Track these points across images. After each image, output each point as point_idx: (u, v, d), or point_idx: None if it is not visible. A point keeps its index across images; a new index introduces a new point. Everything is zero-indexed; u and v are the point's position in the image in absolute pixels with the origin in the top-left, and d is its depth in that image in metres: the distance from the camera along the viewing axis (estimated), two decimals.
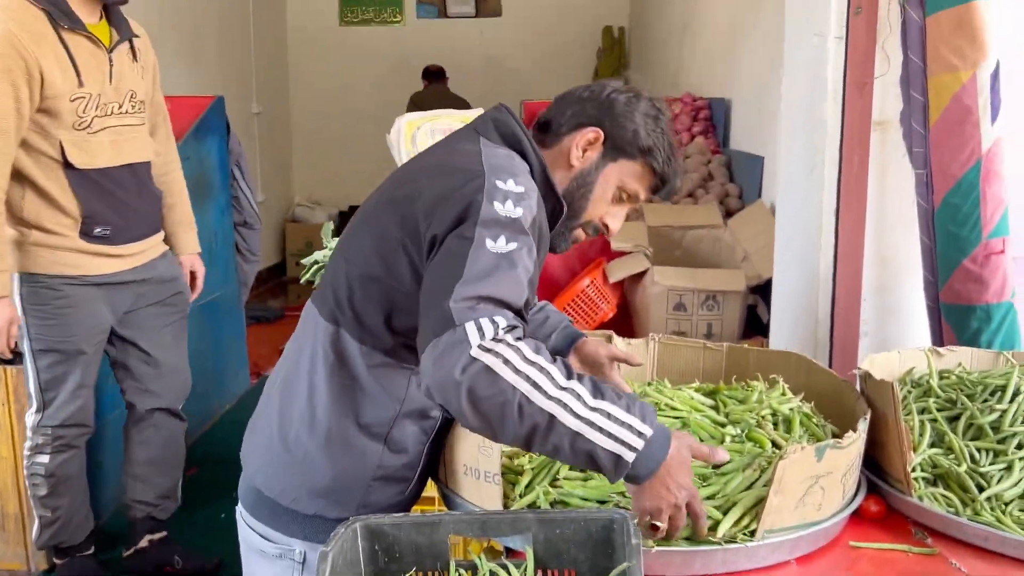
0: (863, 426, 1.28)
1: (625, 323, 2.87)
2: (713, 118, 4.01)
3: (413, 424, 1.28)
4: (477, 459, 1.25)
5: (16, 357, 2.31)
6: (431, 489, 1.43)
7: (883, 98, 2.05)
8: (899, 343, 2.09)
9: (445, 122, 2.51)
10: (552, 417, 1.01)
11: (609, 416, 1.03)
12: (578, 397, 1.03)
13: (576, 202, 1.30)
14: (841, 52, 2.04)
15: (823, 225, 2.12)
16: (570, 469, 1.27)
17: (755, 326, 2.85)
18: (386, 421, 1.26)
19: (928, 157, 1.95)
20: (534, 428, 1.02)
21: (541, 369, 1.02)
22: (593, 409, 1.03)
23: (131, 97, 2.28)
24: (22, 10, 2.06)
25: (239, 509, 1.37)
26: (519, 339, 1.04)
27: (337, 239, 2.41)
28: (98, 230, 2.24)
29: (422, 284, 1.13)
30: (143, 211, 2.37)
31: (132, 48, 2.29)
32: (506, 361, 1.01)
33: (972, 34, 1.82)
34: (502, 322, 1.03)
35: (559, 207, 1.28)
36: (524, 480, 1.26)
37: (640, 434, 1.04)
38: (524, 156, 1.25)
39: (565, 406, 1.02)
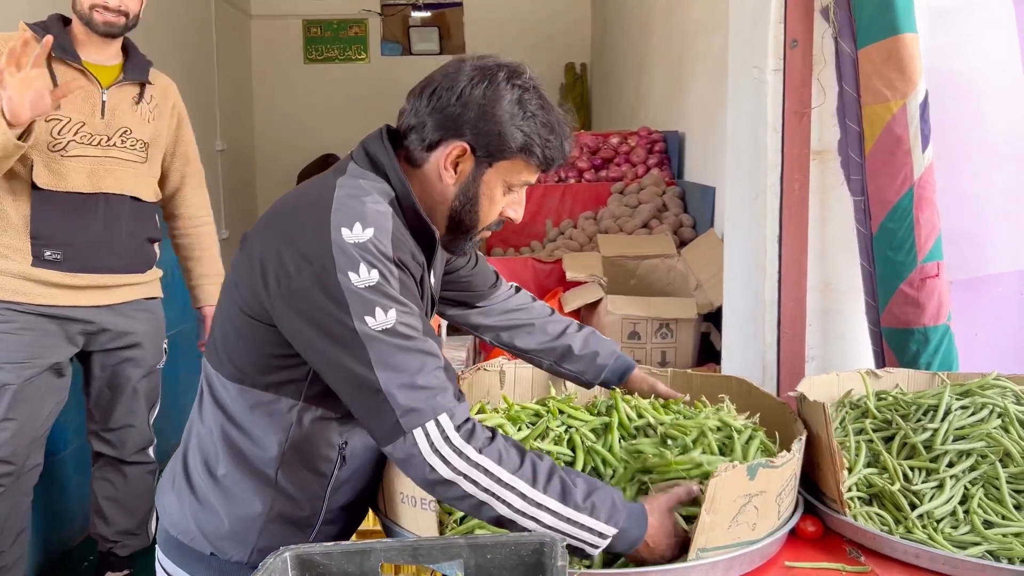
0: (797, 446, 1.29)
1: None
2: (668, 150, 4.08)
3: (303, 467, 1.24)
4: (413, 486, 1.25)
5: None
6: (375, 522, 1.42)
7: (821, 128, 2.11)
8: (844, 366, 2.12)
9: None
10: (525, 520, 1.11)
11: (573, 523, 1.11)
12: (547, 510, 1.11)
13: (467, 217, 1.24)
14: (779, 84, 2.10)
15: (767, 252, 2.16)
16: None
17: (709, 353, 2.88)
18: (270, 462, 1.23)
19: (865, 184, 2.01)
20: (511, 524, 1.12)
21: (491, 476, 1.10)
22: (561, 516, 1.11)
23: (124, 134, 2.31)
24: (16, 39, 2.11)
25: (156, 549, 1.35)
26: (467, 435, 1.10)
27: None
28: (49, 253, 2.21)
29: (330, 379, 1.13)
30: (110, 244, 2.32)
31: (141, 93, 2.36)
32: (462, 475, 1.09)
33: (901, 65, 1.89)
34: (445, 421, 1.09)
35: (430, 233, 1.24)
36: (460, 512, 1.26)
37: (602, 535, 1.11)
38: (388, 182, 1.21)
39: (532, 519, 1.11)
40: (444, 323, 2.73)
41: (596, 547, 1.11)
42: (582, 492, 1.12)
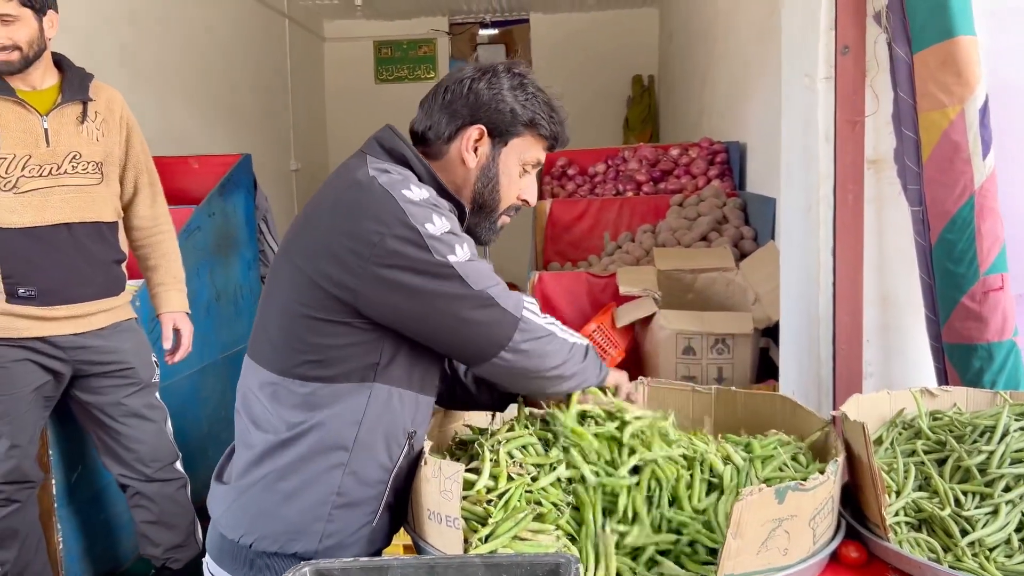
0: (832, 468, 1.24)
1: (636, 368, 2.84)
2: (730, 161, 4.00)
3: (374, 451, 1.30)
4: (439, 503, 1.25)
5: None
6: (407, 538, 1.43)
7: (876, 136, 2.03)
8: (905, 384, 2.03)
9: None
10: (563, 340, 1.35)
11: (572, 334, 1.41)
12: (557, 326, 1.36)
13: (488, 196, 1.36)
14: (831, 92, 2.04)
15: (821, 264, 2.09)
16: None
17: (768, 369, 2.80)
18: (344, 448, 1.28)
19: (923, 194, 1.92)
20: (558, 351, 1.33)
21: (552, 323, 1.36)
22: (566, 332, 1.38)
23: (73, 158, 2.30)
24: None
25: (206, 560, 1.38)
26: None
27: None
28: (22, 291, 2.25)
29: (434, 323, 1.25)
30: (82, 272, 2.34)
31: (84, 111, 2.33)
32: (550, 323, 1.35)
33: (958, 69, 1.80)
34: (529, 302, 1.32)
35: (460, 208, 1.35)
36: (485, 531, 1.25)
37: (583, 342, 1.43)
38: (410, 167, 1.31)
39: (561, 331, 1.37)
40: None
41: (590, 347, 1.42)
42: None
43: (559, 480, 1.36)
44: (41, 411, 2.39)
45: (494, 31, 8.81)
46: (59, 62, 2.36)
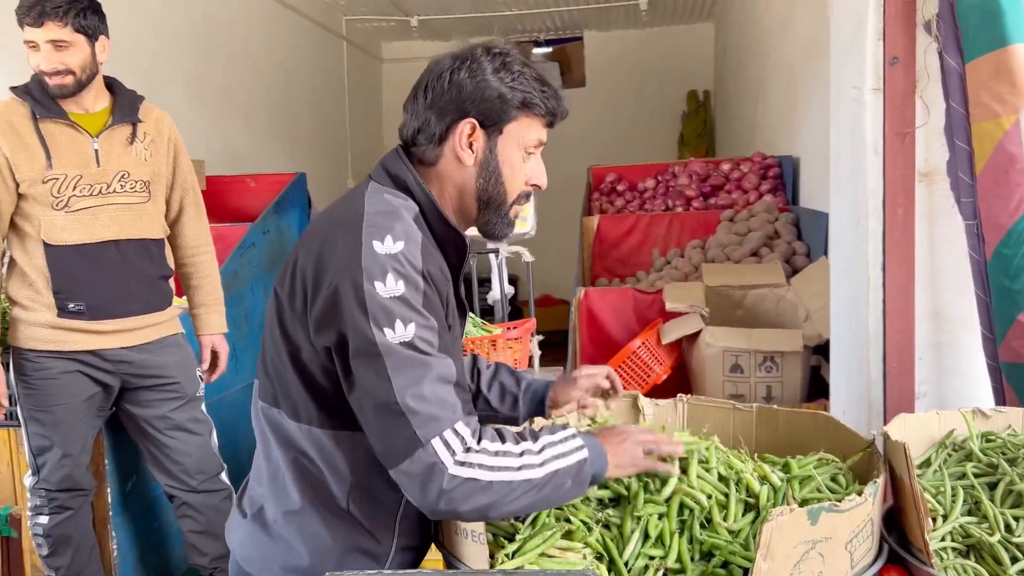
0: (871, 490, 1.20)
1: (682, 386, 2.80)
2: (783, 176, 3.93)
3: (371, 497, 1.26)
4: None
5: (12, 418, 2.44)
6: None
7: (927, 148, 1.97)
8: (960, 404, 1.95)
9: None
10: (525, 482, 1.15)
11: (556, 452, 1.19)
12: (531, 454, 1.17)
13: (494, 191, 1.25)
14: (880, 103, 1.99)
15: (870, 280, 2.03)
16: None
17: (819, 388, 2.73)
18: (341, 494, 1.25)
19: (977, 207, 1.86)
20: (521, 499, 1.16)
21: (503, 454, 1.15)
22: (542, 457, 1.18)
23: (122, 177, 2.37)
24: (3, 106, 2.30)
25: None
26: (479, 439, 1.14)
27: None
28: (72, 305, 2.31)
29: (355, 396, 1.15)
30: (129, 288, 2.38)
31: (134, 132, 2.41)
32: (481, 466, 1.12)
33: (1012, 78, 1.74)
34: (463, 430, 1.13)
35: (460, 239, 1.27)
36: (512, 547, 1.25)
37: (578, 447, 1.20)
38: (411, 194, 1.24)
39: (529, 467, 1.16)
40: (537, 354, 2.73)
41: (582, 450, 1.20)
42: (552, 433, 1.22)
43: (588, 498, 1.34)
44: (92, 421, 2.46)
45: (548, 49, 8.86)
46: (111, 85, 2.45)
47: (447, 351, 1.17)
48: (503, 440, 1.16)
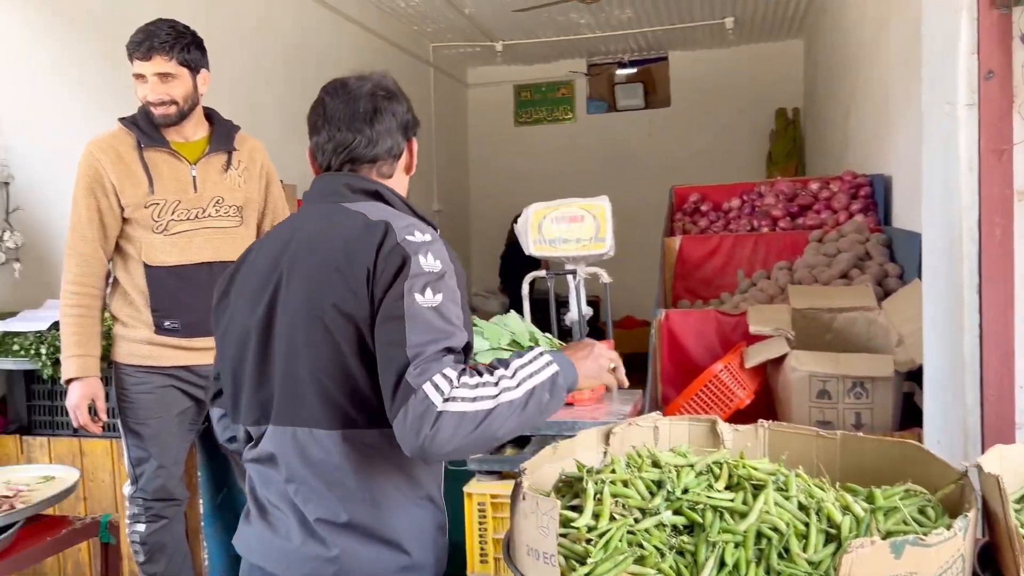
0: (961, 524, 1.14)
1: (766, 412, 2.72)
2: (874, 195, 3.79)
3: (434, 475, 1.45)
4: (537, 539, 1.25)
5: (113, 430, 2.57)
6: None
7: None
8: None
9: (568, 210, 2.58)
10: (507, 404, 1.24)
11: (529, 372, 1.28)
12: (506, 379, 1.26)
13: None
14: (974, 119, 1.91)
15: (965, 303, 1.94)
16: None
17: (913, 415, 2.60)
18: (421, 480, 1.41)
19: None
20: (507, 423, 1.24)
21: (482, 385, 1.23)
22: (517, 379, 1.26)
23: (216, 203, 2.49)
24: (111, 135, 2.43)
25: None
26: (461, 376, 1.23)
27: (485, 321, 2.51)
28: (168, 323, 2.42)
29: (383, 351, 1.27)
30: None
31: (229, 160, 2.53)
32: (463, 399, 1.21)
33: None
34: (451, 373, 1.22)
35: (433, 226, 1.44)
36: (584, 570, 1.24)
37: (548, 363, 1.30)
38: (385, 201, 1.43)
39: (507, 390, 1.25)
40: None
41: (552, 365, 1.30)
42: (520, 357, 1.31)
43: (662, 525, 1.32)
44: (186, 434, 2.57)
45: (632, 70, 8.84)
46: (210, 115, 2.58)
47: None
48: (480, 374, 1.25)
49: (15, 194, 3.15)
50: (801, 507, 1.35)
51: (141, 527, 2.48)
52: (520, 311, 2.68)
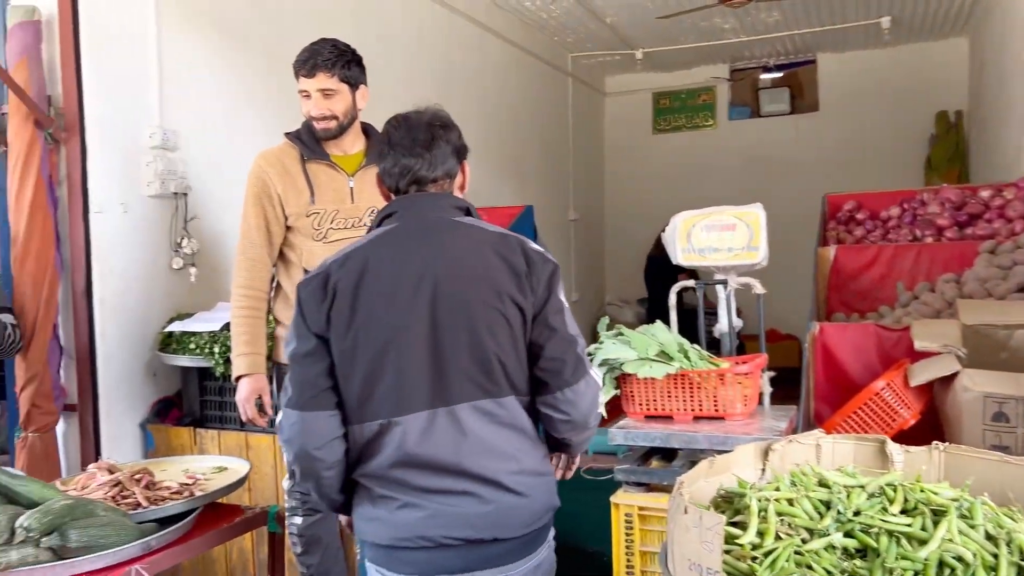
0: None
1: (934, 434, 2.53)
2: None
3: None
4: (699, 553, 1.22)
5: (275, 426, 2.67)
6: None
7: None
8: None
9: (720, 218, 2.52)
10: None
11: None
12: None
13: None
14: None
15: None
16: None
17: None
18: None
19: None
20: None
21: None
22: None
23: (371, 212, 2.59)
24: (279, 149, 2.58)
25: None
26: None
27: (613, 330, 2.50)
28: None
29: (552, 343, 1.60)
30: None
31: None
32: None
33: None
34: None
35: None
36: None
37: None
38: (472, 215, 1.71)
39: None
40: (768, 391, 2.61)
41: None
42: None
43: (832, 547, 1.27)
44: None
45: (777, 74, 8.56)
46: (367, 130, 2.70)
47: None
48: None
49: (192, 204, 3.40)
50: (988, 537, 1.26)
51: (298, 519, 2.61)
52: (666, 321, 2.64)
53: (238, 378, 2.55)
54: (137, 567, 1.67)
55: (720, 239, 2.54)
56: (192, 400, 3.17)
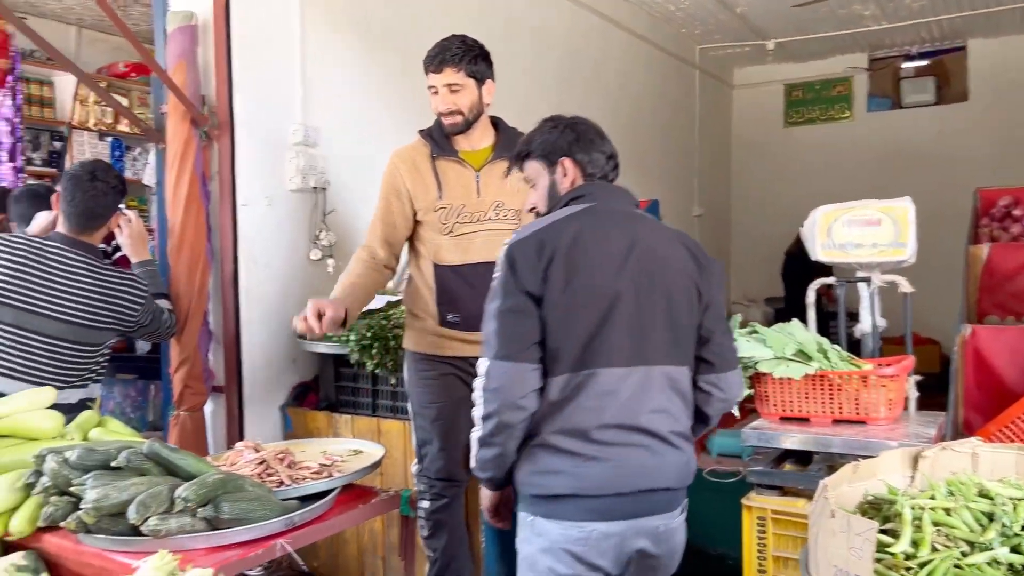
0: None
1: None
2: None
3: None
4: (847, 560, 1.17)
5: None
6: None
7: None
8: None
9: (864, 212, 2.39)
10: None
11: None
12: None
13: None
14: None
15: None
16: None
17: None
18: None
19: None
20: None
21: None
22: None
23: (496, 207, 2.62)
24: (411, 147, 2.66)
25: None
26: None
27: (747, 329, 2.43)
28: (450, 317, 2.59)
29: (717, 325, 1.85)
30: None
31: (510, 167, 2.57)
32: None
33: None
34: None
35: None
36: None
37: None
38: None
39: None
40: (915, 396, 2.46)
41: None
42: None
43: (996, 562, 1.18)
44: (466, 421, 2.73)
45: (922, 62, 8.06)
46: (496, 124, 2.73)
47: None
48: None
49: (330, 198, 3.55)
50: None
51: (425, 503, 2.67)
52: (803, 319, 2.54)
53: None
54: (282, 541, 1.76)
55: (863, 234, 2.42)
56: (328, 385, 3.31)
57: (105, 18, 5.58)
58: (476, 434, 1.79)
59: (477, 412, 1.76)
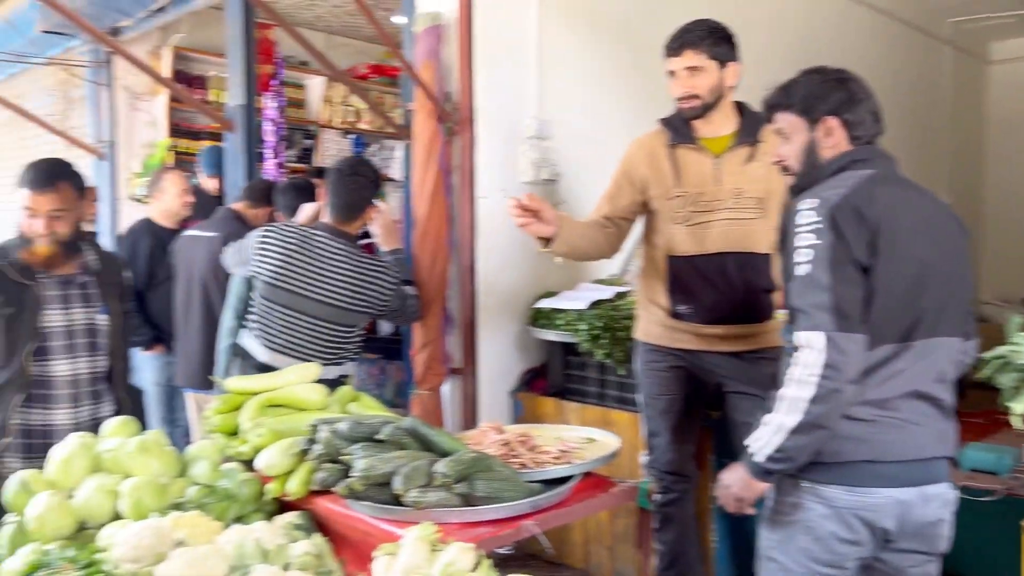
0: None
1: None
2: None
3: None
4: None
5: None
6: None
7: None
8: None
9: None
10: None
11: None
12: None
13: None
14: None
15: None
16: None
17: None
18: None
19: None
20: None
21: None
22: None
23: (736, 195, 2.50)
24: (650, 135, 2.63)
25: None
26: None
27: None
28: (681, 308, 2.55)
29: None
30: (730, 298, 2.52)
31: (753, 152, 2.51)
32: None
33: None
34: None
35: None
36: None
37: None
38: None
39: None
40: None
41: None
42: None
43: None
44: (695, 415, 2.70)
45: None
46: (741, 108, 2.62)
47: None
48: None
49: (560, 190, 3.61)
50: None
51: (656, 496, 2.65)
52: None
53: None
54: (529, 523, 1.81)
55: None
56: (556, 372, 3.38)
57: (348, 25, 6.10)
58: (795, 419, 1.65)
59: (801, 393, 1.64)
